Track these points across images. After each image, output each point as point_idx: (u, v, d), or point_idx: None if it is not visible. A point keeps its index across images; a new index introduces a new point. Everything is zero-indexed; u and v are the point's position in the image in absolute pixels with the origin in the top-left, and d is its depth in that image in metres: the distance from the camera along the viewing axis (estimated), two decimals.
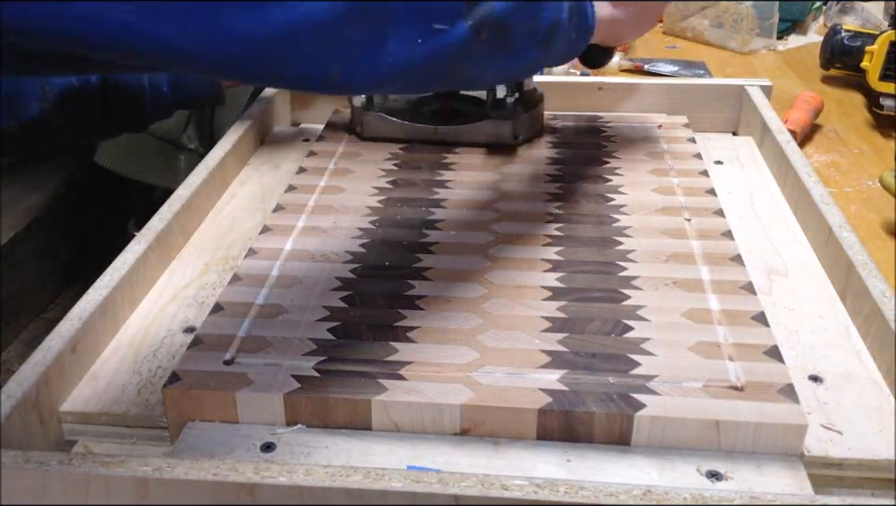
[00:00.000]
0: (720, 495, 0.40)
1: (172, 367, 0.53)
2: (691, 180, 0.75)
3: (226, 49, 0.38)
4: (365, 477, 0.40)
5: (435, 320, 0.56)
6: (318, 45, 0.41)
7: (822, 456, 0.47)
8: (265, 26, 0.39)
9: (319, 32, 0.41)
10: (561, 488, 0.40)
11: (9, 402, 0.47)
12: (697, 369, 0.51)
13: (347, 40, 0.42)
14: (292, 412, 0.50)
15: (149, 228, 0.66)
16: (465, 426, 0.49)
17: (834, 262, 0.63)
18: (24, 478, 0.42)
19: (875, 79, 1.06)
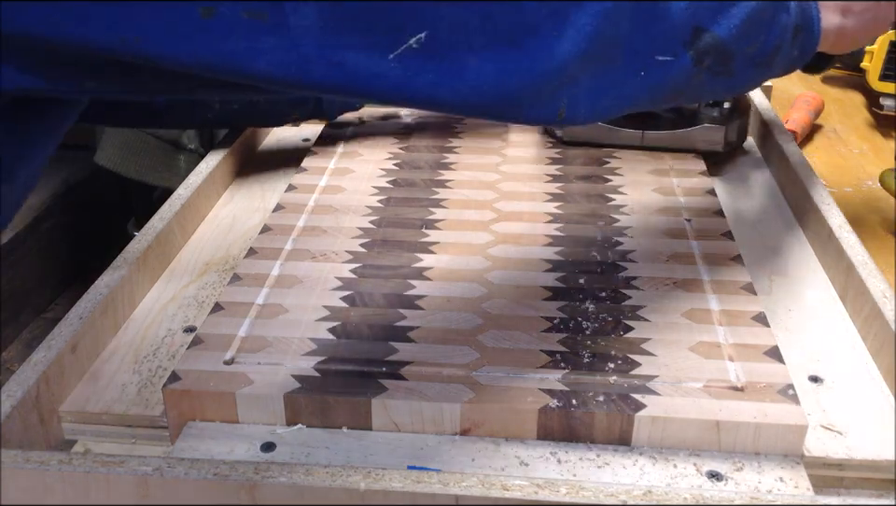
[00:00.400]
0: (720, 495, 0.40)
1: (172, 367, 0.53)
2: (691, 180, 0.75)
3: (476, 100, 0.41)
4: (365, 477, 0.40)
5: (435, 320, 0.56)
6: (556, 86, 0.43)
7: (822, 457, 0.47)
8: (515, 75, 0.41)
9: (561, 74, 0.42)
10: (561, 488, 0.40)
11: (9, 402, 0.47)
12: (697, 369, 0.51)
13: (577, 79, 0.43)
14: (292, 412, 0.50)
15: (149, 228, 0.66)
16: (465, 426, 0.49)
17: (834, 262, 0.63)
18: (24, 478, 0.42)
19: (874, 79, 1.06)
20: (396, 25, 0.39)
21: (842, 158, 0.97)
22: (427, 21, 0.39)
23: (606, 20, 0.43)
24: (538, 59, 0.41)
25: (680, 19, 0.48)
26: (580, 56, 0.42)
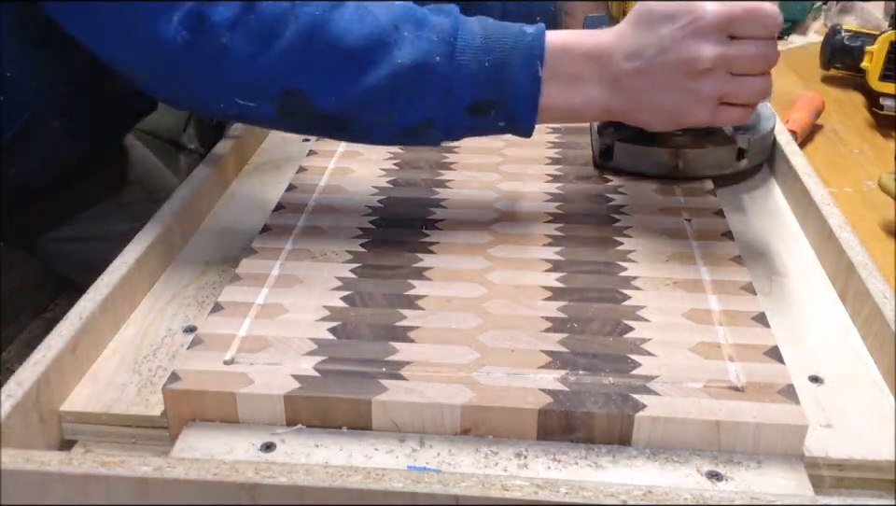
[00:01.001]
0: (720, 495, 0.40)
1: (172, 367, 0.53)
2: (691, 181, 0.75)
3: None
4: (365, 477, 0.40)
5: (435, 320, 0.56)
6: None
7: (822, 457, 0.47)
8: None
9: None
10: (561, 488, 0.40)
11: (9, 402, 0.47)
12: (697, 369, 0.51)
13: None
14: (292, 412, 0.50)
15: (149, 228, 0.66)
16: (465, 426, 0.49)
17: (834, 262, 0.63)
18: (24, 478, 0.42)
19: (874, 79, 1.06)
20: None
21: (842, 158, 0.97)
22: None
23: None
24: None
25: (268, 77, 0.57)
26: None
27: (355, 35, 0.57)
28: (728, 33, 0.56)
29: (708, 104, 0.57)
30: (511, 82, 0.58)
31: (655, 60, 0.57)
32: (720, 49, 0.56)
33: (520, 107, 0.59)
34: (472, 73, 0.58)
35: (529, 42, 0.58)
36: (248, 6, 0.56)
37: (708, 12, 0.56)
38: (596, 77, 0.59)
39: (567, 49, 0.59)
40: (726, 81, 0.57)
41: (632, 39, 0.58)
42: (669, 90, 0.58)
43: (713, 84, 0.57)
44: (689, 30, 0.56)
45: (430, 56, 0.57)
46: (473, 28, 0.59)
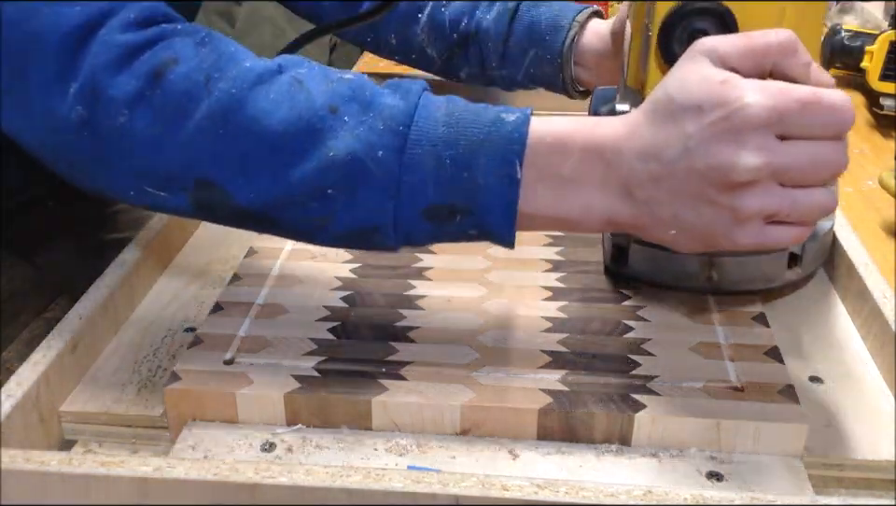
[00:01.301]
0: (720, 495, 0.40)
1: (172, 367, 0.53)
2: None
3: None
4: (365, 477, 0.40)
5: (435, 320, 0.56)
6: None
7: (822, 457, 0.47)
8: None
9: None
10: (561, 488, 0.40)
11: (9, 402, 0.47)
12: (697, 369, 0.51)
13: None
14: (292, 412, 0.50)
15: (149, 228, 0.66)
16: (465, 426, 0.49)
17: (835, 262, 0.63)
18: (24, 478, 0.42)
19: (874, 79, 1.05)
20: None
21: None
22: None
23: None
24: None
25: (178, 165, 0.48)
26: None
27: (278, 120, 0.46)
28: (778, 132, 0.42)
29: (752, 224, 0.43)
30: (481, 185, 0.46)
31: (677, 164, 0.43)
32: (766, 155, 0.41)
33: (493, 217, 0.46)
34: (428, 171, 0.46)
35: (507, 134, 0.45)
36: (154, 79, 0.47)
37: (751, 105, 0.41)
38: (599, 179, 0.45)
39: (561, 143, 0.46)
40: (775, 195, 0.43)
41: (648, 134, 0.44)
42: (697, 204, 0.44)
43: (757, 200, 0.42)
44: (723, 127, 0.42)
45: (372, 149, 0.46)
46: (435, 113, 0.47)
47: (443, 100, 0.48)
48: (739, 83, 0.42)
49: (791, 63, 0.44)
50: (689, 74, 0.43)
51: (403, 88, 0.48)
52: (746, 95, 0.41)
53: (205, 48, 0.49)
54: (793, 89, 0.42)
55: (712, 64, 0.43)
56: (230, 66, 0.48)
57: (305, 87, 0.48)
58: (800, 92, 0.42)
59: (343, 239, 0.49)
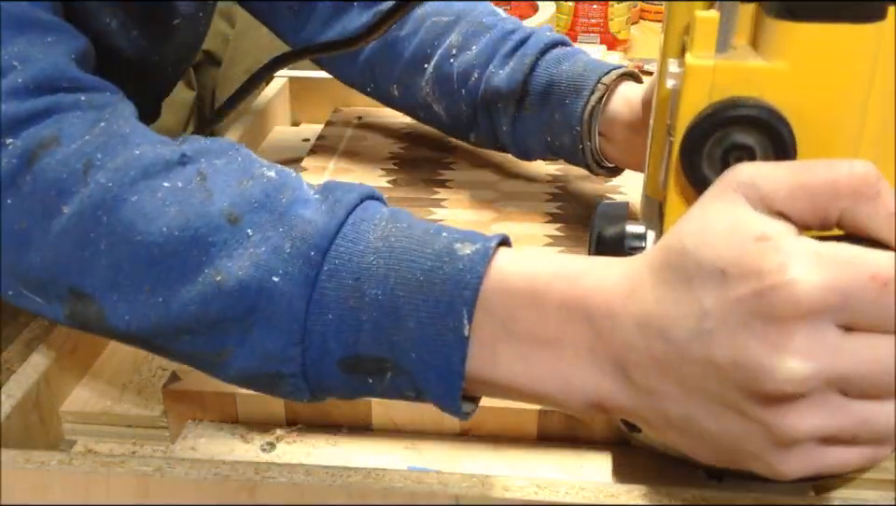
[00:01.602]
0: (720, 495, 0.39)
1: (172, 367, 0.53)
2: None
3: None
4: (365, 477, 0.40)
5: None
6: None
7: None
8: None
9: None
10: (561, 488, 0.40)
11: (9, 402, 0.47)
12: None
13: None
14: (292, 412, 0.50)
15: None
16: (465, 426, 0.49)
17: None
18: (24, 478, 0.42)
19: None
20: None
21: None
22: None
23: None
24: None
25: (50, 268, 0.39)
26: None
27: (160, 227, 0.37)
28: (841, 322, 0.29)
29: (800, 449, 0.30)
30: (416, 339, 0.35)
31: (690, 350, 0.31)
32: (819, 358, 0.29)
33: (430, 380, 0.36)
34: (346, 314, 0.36)
35: (456, 273, 0.35)
36: (28, 162, 0.39)
37: (799, 281, 0.29)
38: (584, 349, 0.33)
39: (533, 293, 0.34)
40: (835, 412, 0.30)
41: (652, 298, 0.32)
42: (718, 411, 0.31)
43: (807, 420, 0.30)
44: (756, 309, 0.29)
45: (271, 278, 0.36)
46: (366, 236, 0.36)
47: (386, 217, 0.38)
48: (784, 245, 0.29)
49: (868, 211, 0.30)
50: (714, 218, 0.31)
51: (335, 196, 0.38)
52: (792, 265, 0.29)
53: (99, 126, 0.40)
54: (866, 258, 0.29)
55: (749, 206, 0.31)
56: (117, 151, 0.39)
57: (207, 185, 0.38)
58: (876, 264, 0.29)
59: (247, 382, 0.40)
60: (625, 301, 0.32)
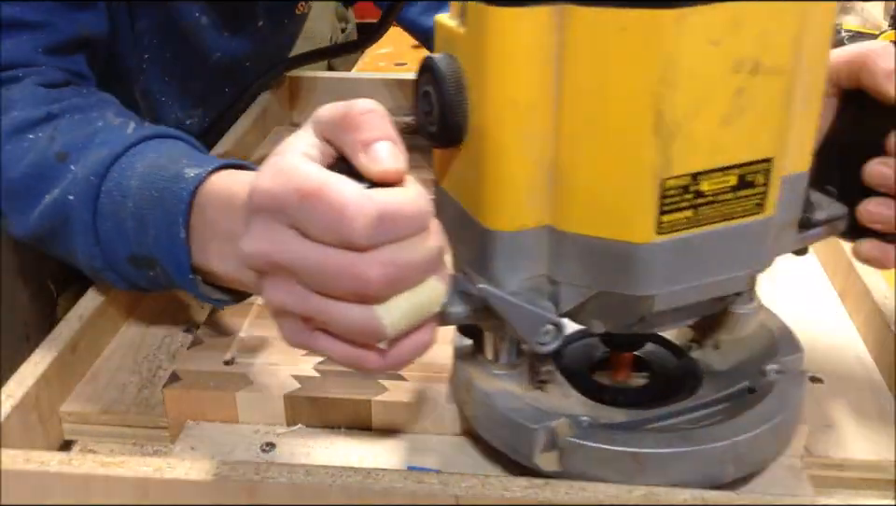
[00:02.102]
0: (720, 495, 0.39)
1: (172, 367, 0.53)
2: None
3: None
4: (365, 477, 0.40)
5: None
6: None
7: (822, 457, 0.47)
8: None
9: None
10: (561, 488, 0.40)
11: (9, 402, 0.47)
12: None
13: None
14: (292, 412, 0.50)
15: None
16: (465, 426, 0.49)
17: (834, 262, 0.63)
18: (24, 478, 0.42)
19: None
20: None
21: None
22: None
23: None
24: None
25: None
26: None
27: (21, 168, 0.53)
28: (287, 223, 0.35)
29: (290, 322, 0.37)
30: (157, 241, 0.46)
31: (250, 224, 0.37)
32: (263, 245, 0.36)
33: (173, 273, 0.47)
34: (119, 222, 0.48)
35: (178, 191, 0.45)
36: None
37: (256, 186, 0.36)
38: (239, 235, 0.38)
39: (229, 199, 0.43)
40: (295, 295, 0.35)
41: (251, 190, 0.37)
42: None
43: (274, 294, 0.36)
44: (247, 206, 0.37)
45: (70, 196, 0.50)
46: (136, 164, 0.49)
47: (160, 150, 0.50)
48: (271, 161, 0.36)
49: (348, 140, 0.36)
50: (283, 144, 0.37)
51: (115, 133, 0.52)
52: (261, 174, 0.36)
53: (6, 98, 0.55)
54: (301, 175, 0.34)
55: (313, 132, 0.37)
56: (3, 115, 0.54)
57: (56, 135, 0.53)
58: (305, 181, 0.34)
59: (94, 277, 0.54)
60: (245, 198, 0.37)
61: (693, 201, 0.37)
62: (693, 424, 0.44)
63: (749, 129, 0.37)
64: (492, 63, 0.36)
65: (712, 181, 0.37)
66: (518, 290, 0.40)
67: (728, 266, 0.39)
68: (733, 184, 0.37)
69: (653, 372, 0.49)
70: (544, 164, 0.38)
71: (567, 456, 0.42)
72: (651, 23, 0.33)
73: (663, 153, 0.35)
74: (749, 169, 0.37)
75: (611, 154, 0.36)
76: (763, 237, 0.39)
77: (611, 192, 0.37)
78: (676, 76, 0.34)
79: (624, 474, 0.41)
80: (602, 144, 0.36)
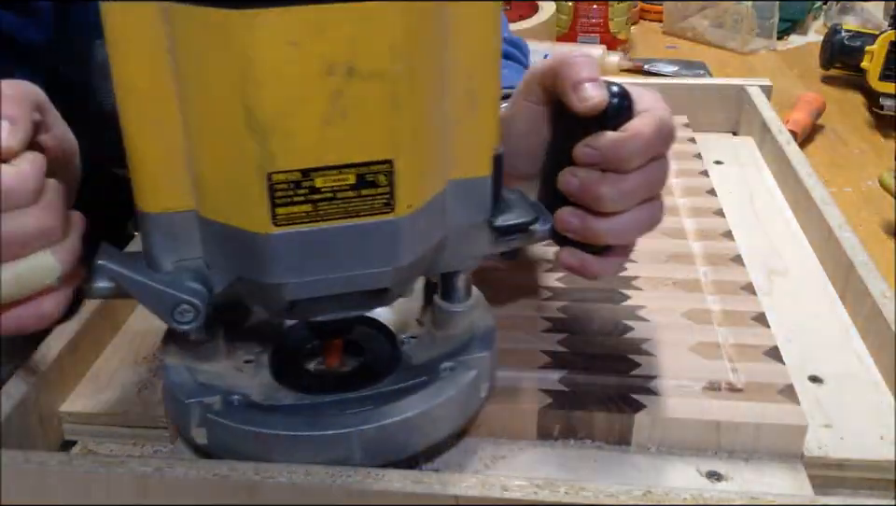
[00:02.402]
0: (720, 495, 0.40)
1: None
2: (691, 180, 0.75)
3: None
4: (365, 477, 0.40)
5: None
6: None
7: (822, 457, 0.47)
8: None
9: None
10: (561, 488, 0.40)
11: (9, 402, 0.47)
12: (697, 369, 0.51)
13: None
14: None
15: None
16: (465, 426, 0.49)
17: (834, 262, 0.63)
18: (24, 478, 0.42)
19: (875, 79, 1.06)
20: None
21: (842, 158, 0.97)
22: None
23: None
24: None
25: None
26: None
27: None
28: None
29: None
30: None
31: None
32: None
33: None
34: None
35: None
36: None
37: None
38: None
39: None
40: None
41: None
42: None
43: None
44: None
45: None
46: None
47: None
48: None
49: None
50: None
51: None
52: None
53: None
54: None
55: None
56: None
57: None
58: None
59: None
60: None
61: (310, 196, 0.38)
62: (356, 411, 0.45)
63: (357, 130, 0.37)
64: (112, 53, 0.38)
65: (327, 178, 0.38)
66: (172, 270, 0.42)
67: (361, 262, 0.40)
68: (352, 182, 0.38)
69: (362, 361, 0.50)
70: (179, 151, 0.39)
71: (210, 431, 0.45)
72: (225, 23, 0.35)
73: (262, 148, 0.36)
74: (367, 169, 0.38)
75: (221, 146, 0.38)
76: (398, 236, 0.40)
77: (227, 183, 0.38)
78: (259, 75, 0.35)
79: (257, 453, 0.43)
80: (212, 135, 0.38)
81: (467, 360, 0.47)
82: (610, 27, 1.34)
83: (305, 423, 0.44)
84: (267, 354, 0.49)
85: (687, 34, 1.42)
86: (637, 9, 1.50)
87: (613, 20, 1.34)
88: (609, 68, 1.25)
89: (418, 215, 0.40)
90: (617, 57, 1.26)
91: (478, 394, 0.47)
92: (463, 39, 0.40)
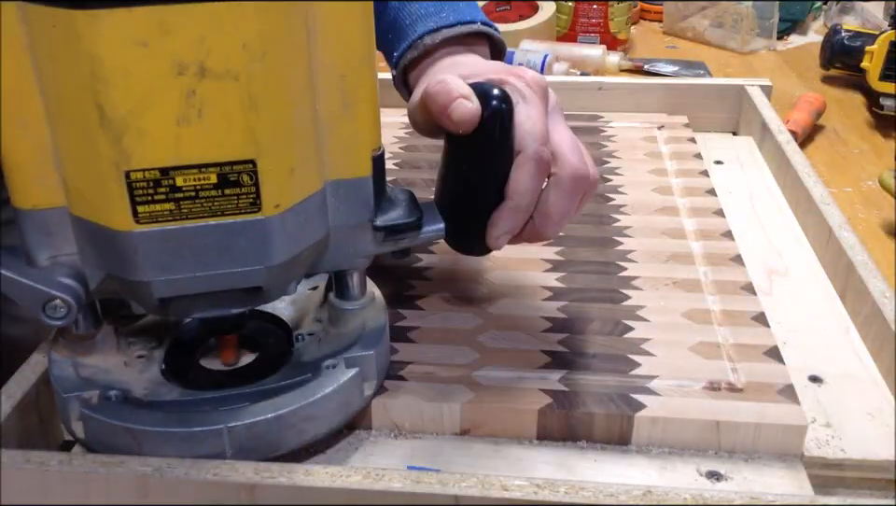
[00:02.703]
0: (720, 495, 0.40)
1: None
2: (691, 180, 0.75)
3: None
4: (365, 477, 0.40)
5: (435, 320, 0.56)
6: None
7: (822, 457, 0.47)
8: None
9: None
10: (561, 488, 0.40)
11: (9, 402, 0.47)
12: (697, 369, 0.51)
13: None
14: None
15: None
16: (465, 426, 0.49)
17: (834, 262, 0.63)
18: (24, 478, 0.42)
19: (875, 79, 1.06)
20: None
21: (842, 158, 0.97)
22: None
23: None
24: None
25: None
26: None
27: None
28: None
29: None
30: None
31: None
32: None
33: None
34: None
35: None
36: None
37: None
38: None
39: None
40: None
41: None
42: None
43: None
44: None
45: None
46: None
47: None
48: None
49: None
50: None
51: None
52: None
53: None
54: None
55: None
56: None
57: None
58: None
59: None
60: None
61: (172, 195, 0.38)
62: (229, 408, 0.45)
63: (215, 130, 0.37)
64: None
65: (187, 177, 0.38)
66: (47, 266, 0.42)
67: (230, 261, 0.40)
68: (214, 182, 0.38)
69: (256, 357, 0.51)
70: (47, 149, 0.39)
71: (87, 426, 0.45)
72: (72, 23, 0.35)
73: (115, 146, 0.37)
74: (230, 169, 0.38)
75: (80, 144, 0.38)
76: (267, 236, 0.40)
77: (90, 181, 0.39)
78: (108, 74, 0.35)
79: (128, 447, 0.44)
80: (72, 134, 0.38)
81: (350, 358, 0.47)
82: (610, 27, 1.34)
83: (176, 419, 0.44)
84: (160, 349, 0.49)
85: (687, 34, 1.42)
86: (637, 9, 1.51)
87: (613, 20, 1.34)
88: (610, 68, 1.25)
89: (288, 214, 0.41)
90: (617, 57, 1.26)
91: (360, 392, 0.47)
92: (332, 40, 0.40)
